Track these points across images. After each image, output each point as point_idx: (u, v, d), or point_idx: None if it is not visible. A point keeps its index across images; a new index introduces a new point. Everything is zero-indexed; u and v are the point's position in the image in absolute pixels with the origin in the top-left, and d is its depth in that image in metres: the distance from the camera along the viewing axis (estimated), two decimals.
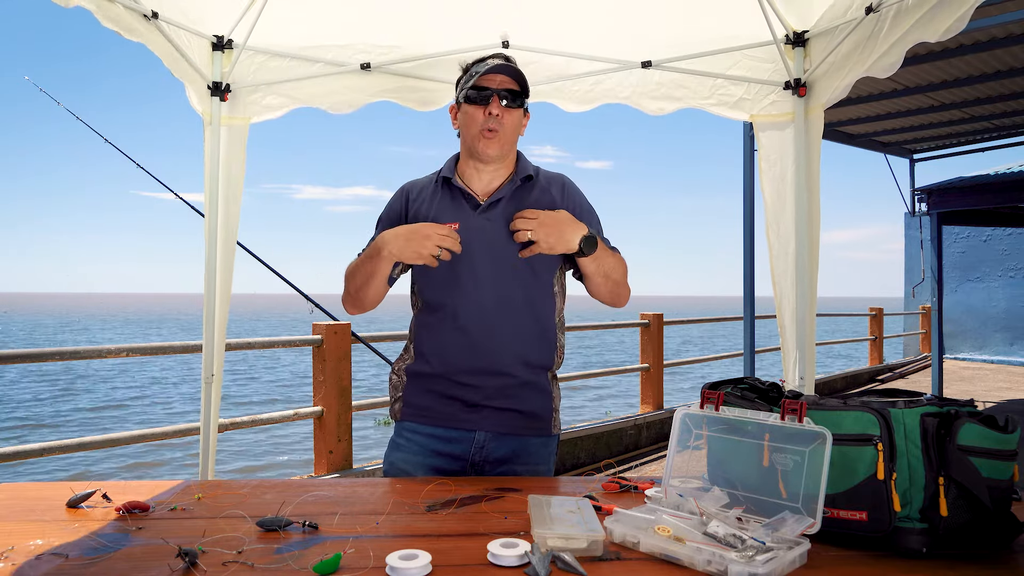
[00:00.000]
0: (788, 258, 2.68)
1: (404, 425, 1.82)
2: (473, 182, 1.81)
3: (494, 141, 1.73)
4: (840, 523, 1.16)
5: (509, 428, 1.76)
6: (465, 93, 1.76)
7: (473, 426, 1.75)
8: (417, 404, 1.80)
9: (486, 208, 1.77)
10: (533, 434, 1.80)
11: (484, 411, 1.75)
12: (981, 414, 1.16)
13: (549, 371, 1.85)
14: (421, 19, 2.64)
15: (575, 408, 12.25)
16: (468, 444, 1.76)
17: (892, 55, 2.09)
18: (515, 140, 1.80)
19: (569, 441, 5.74)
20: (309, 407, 4.61)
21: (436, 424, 1.78)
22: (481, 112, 1.73)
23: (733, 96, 2.76)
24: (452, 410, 1.76)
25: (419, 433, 1.79)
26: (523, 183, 1.81)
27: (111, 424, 12.28)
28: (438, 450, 1.77)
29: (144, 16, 2.17)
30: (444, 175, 1.81)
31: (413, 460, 1.78)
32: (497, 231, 1.75)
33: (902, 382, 11.22)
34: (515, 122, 1.77)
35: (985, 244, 13.80)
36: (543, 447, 1.82)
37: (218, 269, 2.60)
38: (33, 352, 3.60)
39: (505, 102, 1.73)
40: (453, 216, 1.77)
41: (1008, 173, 7.75)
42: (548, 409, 1.82)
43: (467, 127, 1.77)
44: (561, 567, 1.08)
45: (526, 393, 1.78)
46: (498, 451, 1.76)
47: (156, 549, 1.16)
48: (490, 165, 1.79)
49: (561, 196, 1.83)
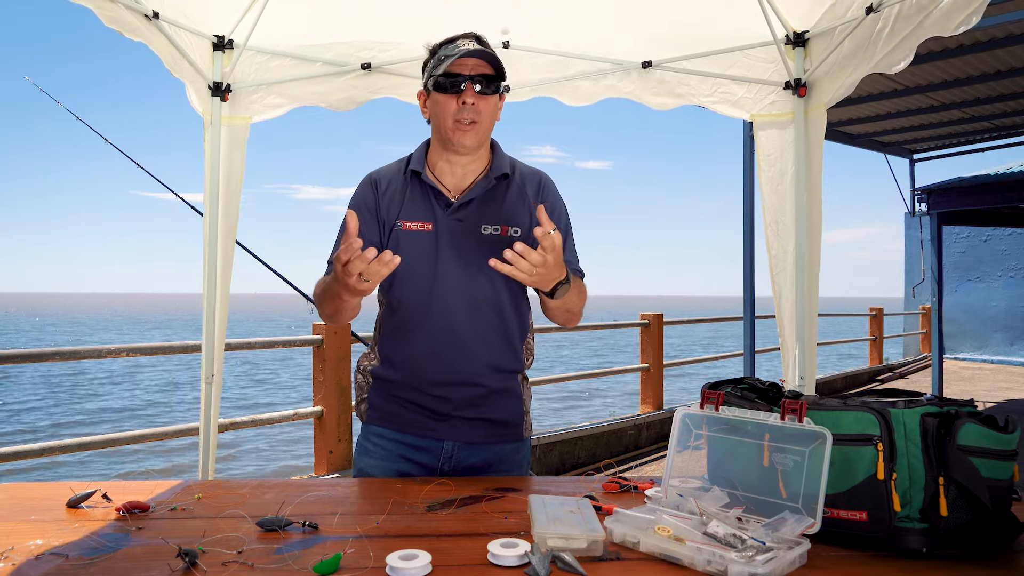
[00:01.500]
0: (787, 257, 2.68)
1: (371, 428, 1.74)
2: (445, 176, 1.69)
3: (471, 132, 1.61)
4: (840, 523, 1.16)
5: (479, 438, 1.69)
6: (435, 80, 1.61)
7: (441, 436, 1.68)
8: (383, 408, 1.72)
9: (458, 208, 1.66)
10: (505, 441, 1.73)
11: (452, 420, 1.68)
12: (981, 414, 1.16)
13: (520, 373, 1.77)
14: (421, 18, 2.64)
15: (574, 409, 12.26)
16: (436, 454, 1.69)
17: (901, 51, 2.08)
18: (491, 127, 1.67)
19: (569, 441, 5.73)
20: (309, 407, 4.61)
21: (403, 431, 1.70)
22: (454, 101, 1.59)
23: (734, 95, 2.77)
24: (419, 418, 1.69)
25: (386, 438, 1.71)
26: (498, 181, 1.70)
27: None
28: (406, 456, 1.70)
29: (145, 16, 2.17)
30: (413, 168, 1.69)
31: (381, 466, 1.70)
32: (468, 232, 1.64)
33: (902, 382, 11.22)
34: (491, 109, 1.63)
35: (985, 244, 13.80)
36: (515, 453, 1.76)
37: (218, 269, 2.60)
38: (33, 352, 3.60)
39: (480, 87, 1.59)
40: (423, 214, 1.66)
41: (1008, 173, 7.75)
42: (519, 414, 1.75)
43: (439, 117, 1.63)
44: (561, 567, 1.08)
45: (496, 401, 1.70)
46: (468, 460, 1.69)
47: (156, 549, 1.16)
48: (465, 156, 1.67)
49: (536, 195, 1.73)
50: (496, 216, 1.67)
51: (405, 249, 1.61)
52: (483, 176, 1.70)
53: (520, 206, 1.70)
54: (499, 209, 1.67)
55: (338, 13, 2.60)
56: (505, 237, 1.65)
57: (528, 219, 1.69)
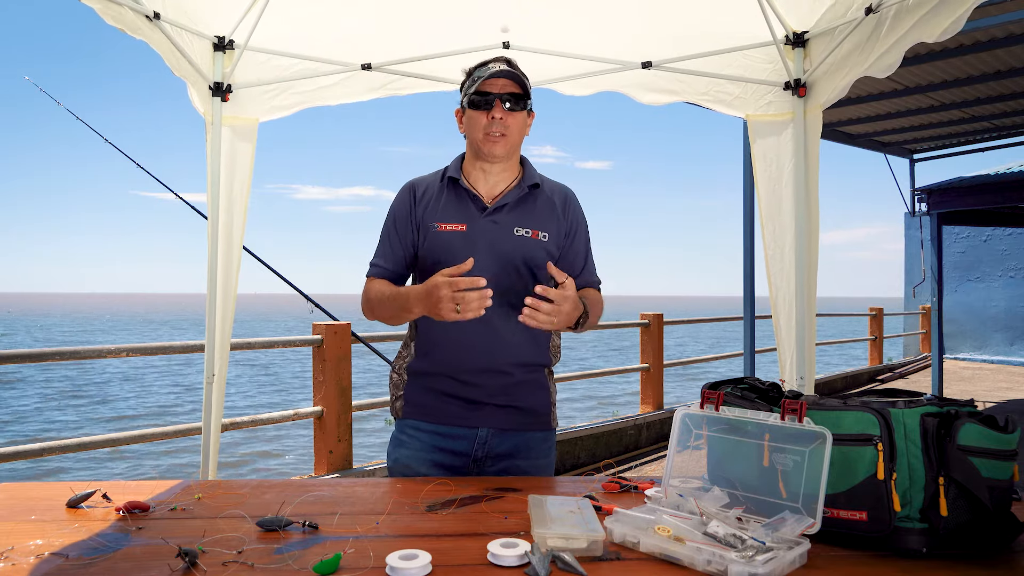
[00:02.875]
0: (784, 257, 2.68)
1: (406, 423, 1.85)
2: (479, 184, 1.84)
3: (500, 142, 1.77)
4: (840, 523, 1.16)
5: (511, 424, 1.81)
6: (469, 98, 1.79)
7: (476, 423, 1.79)
8: (419, 402, 1.83)
9: (492, 211, 1.80)
10: (534, 429, 1.85)
11: (486, 408, 1.79)
12: (981, 414, 1.16)
13: (547, 368, 1.90)
14: (422, 18, 2.64)
15: (577, 407, 12.26)
16: (471, 441, 1.79)
17: (891, 55, 2.10)
18: (520, 140, 1.84)
19: (569, 441, 5.74)
20: (309, 407, 4.61)
21: (438, 422, 1.81)
22: (484, 116, 1.76)
23: (730, 94, 2.77)
24: (454, 408, 1.80)
25: (421, 430, 1.82)
26: (530, 190, 1.85)
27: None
28: (441, 447, 1.80)
29: (147, 17, 2.17)
30: (451, 175, 1.84)
31: (417, 457, 1.80)
32: (502, 233, 1.78)
33: (902, 382, 11.22)
34: (519, 124, 1.80)
35: (985, 244, 13.80)
36: (543, 441, 1.87)
37: (220, 270, 2.60)
38: (33, 352, 3.60)
39: (508, 105, 1.76)
40: (458, 217, 1.80)
41: (1008, 173, 7.75)
42: (547, 404, 1.87)
43: (472, 131, 1.80)
44: (561, 567, 1.08)
45: (526, 390, 1.82)
46: (500, 447, 1.80)
47: (156, 549, 1.16)
48: (496, 165, 1.82)
49: (563, 209, 1.88)
50: (528, 220, 1.82)
51: (441, 248, 1.78)
52: (516, 184, 1.85)
53: (549, 214, 1.85)
54: (530, 214, 1.83)
55: (338, 13, 2.61)
56: (535, 240, 1.81)
57: (555, 227, 1.85)
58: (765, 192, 2.73)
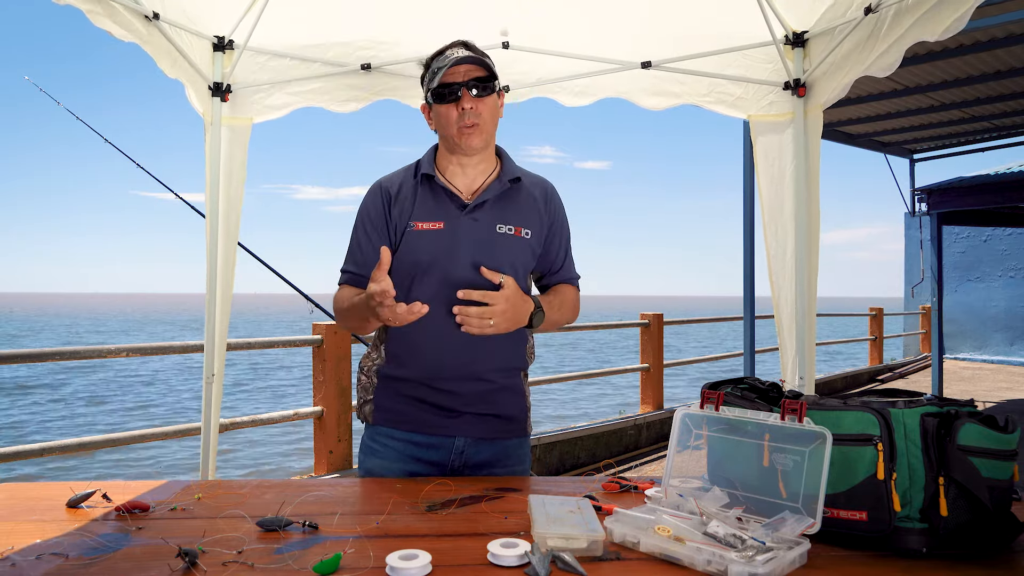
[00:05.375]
0: (786, 257, 2.68)
1: (377, 430, 1.76)
2: (456, 179, 1.74)
3: (475, 134, 1.67)
4: (840, 523, 1.16)
5: (488, 433, 1.73)
6: (433, 93, 1.69)
7: (452, 432, 1.71)
8: (391, 409, 1.74)
9: (472, 208, 1.70)
10: (511, 437, 1.78)
11: (464, 417, 1.71)
12: (981, 414, 1.16)
13: (522, 371, 1.82)
14: (421, 18, 2.64)
15: (578, 408, 12.25)
16: (447, 450, 1.71)
17: (891, 55, 2.10)
18: (495, 126, 1.74)
19: (569, 441, 5.73)
20: (309, 407, 4.61)
21: (413, 430, 1.72)
22: (454, 109, 1.66)
23: (732, 95, 2.77)
24: (429, 416, 1.71)
25: (394, 439, 1.73)
26: (511, 185, 1.75)
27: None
28: (416, 456, 1.72)
29: (145, 17, 2.17)
30: (424, 172, 1.73)
31: (391, 467, 1.72)
32: (483, 232, 1.69)
33: (902, 382, 11.22)
34: (491, 109, 1.70)
35: (985, 244, 13.80)
36: (519, 448, 1.81)
37: (219, 269, 2.60)
38: (33, 352, 3.60)
39: (476, 92, 1.65)
40: (435, 215, 1.70)
41: (1008, 173, 7.75)
42: (523, 410, 1.81)
43: (444, 127, 1.70)
44: (561, 567, 1.08)
45: (503, 397, 1.75)
46: (477, 456, 1.73)
47: (156, 549, 1.16)
48: (474, 158, 1.73)
49: (545, 204, 1.80)
50: (510, 217, 1.73)
51: (418, 248, 1.68)
52: (496, 179, 1.76)
53: (531, 210, 1.77)
54: (512, 211, 1.74)
55: (338, 13, 2.61)
56: (518, 237, 1.72)
57: (537, 223, 1.77)
58: (768, 192, 2.73)
